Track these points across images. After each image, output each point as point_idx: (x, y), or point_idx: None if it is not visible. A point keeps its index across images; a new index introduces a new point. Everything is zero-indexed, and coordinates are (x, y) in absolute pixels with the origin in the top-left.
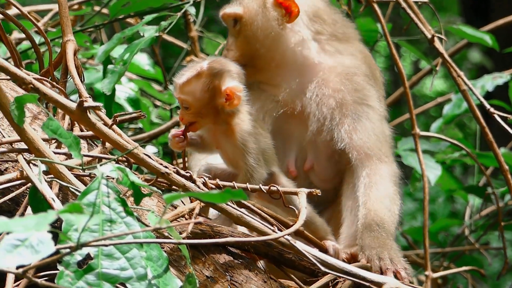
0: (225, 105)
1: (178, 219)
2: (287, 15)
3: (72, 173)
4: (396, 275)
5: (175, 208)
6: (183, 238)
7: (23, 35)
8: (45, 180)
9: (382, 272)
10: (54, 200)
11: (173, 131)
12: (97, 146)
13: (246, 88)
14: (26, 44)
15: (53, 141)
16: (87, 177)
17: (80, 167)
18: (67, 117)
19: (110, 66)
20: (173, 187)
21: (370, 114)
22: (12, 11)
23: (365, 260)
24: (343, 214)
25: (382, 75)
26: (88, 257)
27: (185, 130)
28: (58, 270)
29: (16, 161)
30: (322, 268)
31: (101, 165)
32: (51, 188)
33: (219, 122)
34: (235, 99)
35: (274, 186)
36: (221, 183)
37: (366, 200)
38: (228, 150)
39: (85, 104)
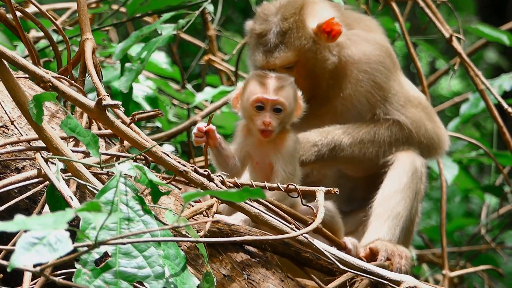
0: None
1: (196, 216)
2: (329, 36)
3: (90, 171)
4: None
5: (192, 206)
6: (201, 237)
7: (41, 34)
8: (63, 178)
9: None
10: (71, 198)
11: (201, 124)
12: (115, 144)
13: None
14: (44, 42)
15: (71, 139)
16: (105, 176)
17: (98, 166)
18: (85, 115)
19: (127, 64)
20: (191, 185)
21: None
22: (31, 9)
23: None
24: (370, 219)
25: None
26: (105, 255)
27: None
28: (75, 268)
29: (34, 159)
30: (340, 267)
31: (119, 163)
32: (68, 186)
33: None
34: (300, 109)
35: (292, 185)
36: (239, 181)
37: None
38: (272, 159)
39: (104, 102)
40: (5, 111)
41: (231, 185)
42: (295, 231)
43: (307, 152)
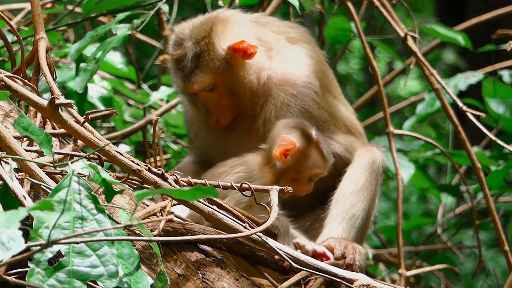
0: None
1: (149, 217)
2: (245, 55)
3: (43, 171)
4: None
5: (147, 206)
6: (155, 236)
7: None
8: (16, 178)
9: (343, 257)
10: (25, 198)
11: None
12: (69, 143)
13: None
14: None
15: (25, 138)
16: (59, 175)
17: (52, 165)
18: (39, 114)
19: (82, 65)
20: (145, 184)
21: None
22: None
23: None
24: (325, 220)
25: (331, 72)
26: (59, 254)
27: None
28: (29, 267)
29: None
30: (294, 265)
31: (72, 162)
32: (22, 185)
33: None
34: None
35: (246, 184)
36: (192, 180)
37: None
38: None
39: (57, 101)
40: None
41: (185, 184)
42: (249, 229)
43: None
